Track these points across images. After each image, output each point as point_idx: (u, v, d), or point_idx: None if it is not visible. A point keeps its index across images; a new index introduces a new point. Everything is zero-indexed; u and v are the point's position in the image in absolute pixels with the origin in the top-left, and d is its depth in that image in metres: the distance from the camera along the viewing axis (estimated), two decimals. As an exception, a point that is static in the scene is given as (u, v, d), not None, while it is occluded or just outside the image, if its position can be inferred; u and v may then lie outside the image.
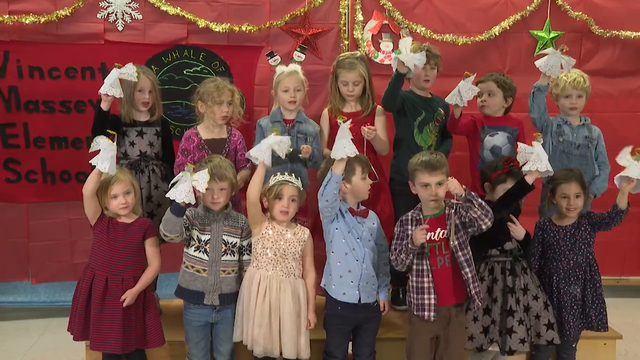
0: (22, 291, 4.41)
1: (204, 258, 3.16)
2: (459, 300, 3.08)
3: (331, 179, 2.98)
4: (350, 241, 3.14)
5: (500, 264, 3.30)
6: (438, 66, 3.83)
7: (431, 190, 3.04)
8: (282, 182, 3.17)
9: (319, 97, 4.22)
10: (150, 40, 4.14)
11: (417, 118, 3.80)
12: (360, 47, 4.29)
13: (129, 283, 3.10)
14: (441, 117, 3.86)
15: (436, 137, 3.86)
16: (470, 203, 2.97)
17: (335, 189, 3.00)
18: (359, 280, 3.13)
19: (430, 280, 3.05)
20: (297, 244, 3.19)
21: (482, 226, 3.00)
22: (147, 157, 3.62)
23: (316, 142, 3.69)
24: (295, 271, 3.18)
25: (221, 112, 3.57)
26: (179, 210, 2.97)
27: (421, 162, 3.09)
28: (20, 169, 4.17)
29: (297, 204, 3.19)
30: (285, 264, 3.15)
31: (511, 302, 3.23)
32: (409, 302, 3.15)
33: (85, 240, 3.96)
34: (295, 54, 3.76)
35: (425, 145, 3.80)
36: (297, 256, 3.19)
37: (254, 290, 3.12)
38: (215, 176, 3.12)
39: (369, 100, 3.81)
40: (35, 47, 4.04)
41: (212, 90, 3.54)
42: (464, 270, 3.03)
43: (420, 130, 3.81)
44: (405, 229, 3.12)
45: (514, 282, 3.26)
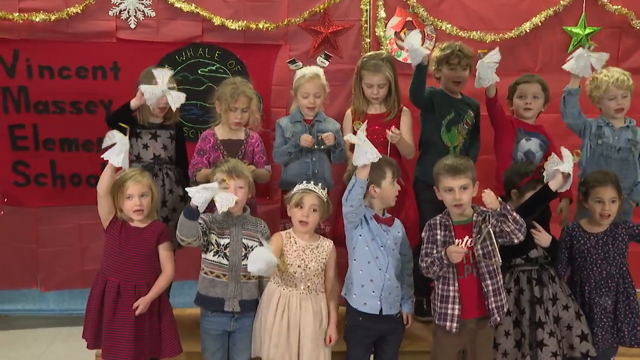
0: (30, 299, 4.48)
1: (223, 263, 3.20)
2: (482, 313, 3.09)
3: (355, 183, 3.02)
4: (374, 249, 3.17)
5: (526, 274, 3.31)
6: (470, 67, 3.85)
7: (454, 194, 3.07)
8: (304, 190, 3.22)
9: (339, 97, 4.26)
10: (164, 38, 4.21)
11: (445, 117, 3.85)
12: (382, 45, 4.32)
13: (142, 290, 3.16)
14: (471, 120, 3.90)
15: (464, 138, 3.89)
16: (504, 217, 2.99)
17: (360, 194, 3.04)
18: (381, 291, 3.16)
19: (455, 290, 3.07)
20: (319, 258, 3.22)
21: (514, 240, 3.02)
22: (161, 161, 3.70)
23: (338, 137, 3.76)
24: (318, 286, 3.22)
25: (234, 118, 3.66)
26: (192, 214, 3.02)
27: (444, 165, 3.12)
28: (29, 171, 4.25)
29: (318, 214, 3.21)
30: (306, 280, 3.19)
31: (540, 314, 3.24)
32: (433, 310, 3.18)
33: (96, 246, 4.01)
34: (318, 59, 3.81)
35: (451, 145, 3.84)
36: (320, 271, 3.22)
37: (272, 308, 3.16)
38: (233, 173, 3.19)
39: (395, 102, 3.86)
40: (45, 45, 4.13)
41: (227, 95, 3.63)
42: (484, 282, 3.05)
43: (447, 130, 3.86)
44: (433, 233, 3.15)
45: (541, 292, 3.27)
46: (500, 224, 3.01)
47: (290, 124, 3.79)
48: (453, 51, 3.80)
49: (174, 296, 3.86)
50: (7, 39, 4.09)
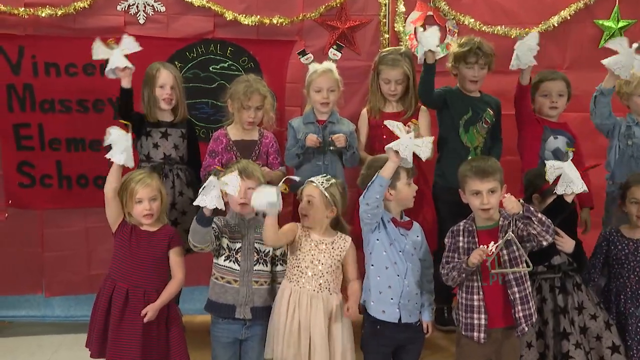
0: (35, 305, 4.52)
1: (235, 268, 3.24)
2: (509, 323, 3.09)
3: (375, 180, 3.03)
4: (392, 254, 3.19)
5: (549, 282, 3.32)
6: (490, 65, 3.86)
7: (482, 198, 3.07)
8: (307, 182, 3.27)
9: (356, 95, 4.29)
10: (174, 34, 4.25)
11: (462, 116, 3.87)
12: (401, 41, 4.33)
13: (152, 296, 3.20)
14: (490, 119, 3.91)
15: (484, 139, 3.90)
16: (528, 219, 2.99)
17: (379, 194, 3.05)
18: (399, 298, 3.17)
19: (480, 299, 3.08)
20: (334, 254, 3.24)
21: (542, 242, 3.02)
22: (172, 161, 3.75)
23: (352, 139, 3.79)
24: (330, 285, 3.22)
25: (247, 117, 3.70)
26: (205, 220, 3.04)
27: (471, 167, 3.13)
28: (34, 172, 4.30)
29: (316, 205, 3.19)
30: (317, 277, 3.20)
31: (564, 324, 3.23)
32: (457, 321, 3.19)
33: (103, 251, 4.09)
34: (330, 51, 3.85)
35: (472, 146, 3.86)
36: (334, 268, 3.23)
37: (283, 306, 3.19)
38: (243, 174, 3.21)
39: (412, 100, 3.88)
40: (51, 41, 4.18)
41: (240, 93, 3.67)
42: (510, 290, 3.05)
43: (465, 130, 3.88)
44: (456, 240, 3.17)
45: (565, 300, 3.26)
46: (526, 227, 3.01)
47: (302, 125, 3.83)
48: (471, 48, 3.82)
49: (183, 302, 3.89)
50: (12, 34, 4.13)
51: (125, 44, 3.53)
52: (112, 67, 3.51)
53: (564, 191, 3.09)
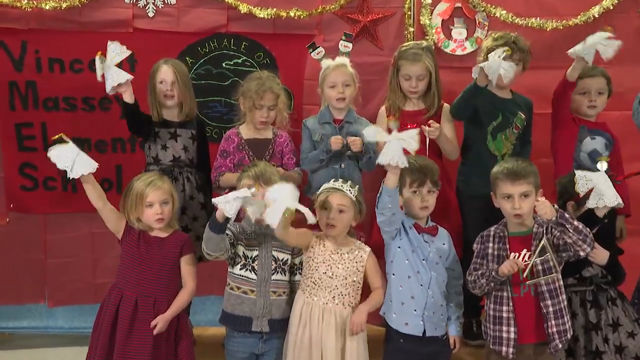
0: (37, 315, 4.56)
1: (251, 277, 3.25)
2: (541, 338, 3.08)
3: (382, 192, 3.05)
4: (415, 263, 3.20)
5: (579, 295, 3.29)
6: (524, 62, 3.85)
7: (514, 202, 3.08)
8: (329, 189, 3.26)
9: (378, 93, 4.29)
10: (185, 28, 4.28)
11: (491, 122, 3.86)
12: (427, 35, 4.33)
13: (162, 306, 3.22)
14: (521, 123, 3.89)
15: (512, 145, 3.88)
16: (563, 227, 2.99)
17: (389, 203, 3.06)
18: (423, 309, 3.18)
19: (510, 310, 3.08)
20: (350, 266, 3.24)
21: (579, 252, 3.02)
22: (181, 163, 3.79)
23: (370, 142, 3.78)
24: (345, 299, 3.22)
25: (260, 117, 3.74)
26: (218, 226, 3.05)
27: (504, 169, 3.14)
28: (37, 175, 4.34)
29: (347, 215, 3.23)
30: (331, 289, 3.20)
31: (597, 341, 3.21)
32: (485, 333, 3.19)
33: (110, 258, 4.13)
34: (340, 43, 3.86)
35: (499, 154, 3.85)
36: (350, 281, 3.22)
37: (295, 318, 3.21)
38: (261, 179, 3.23)
39: (434, 98, 3.89)
40: (55, 36, 4.23)
41: (252, 91, 3.70)
42: (543, 303, 3.05)
43: (493, 137, 3.86)
44: (485, 246, 3.17)
45: (598, 316, 3.24)
46: (561, 235, 3.01)
47: (318, 125, 3.85)
48: (506, 42, 3.79)
49: (194, 313, 3.92)
50: (15, 28, 4.18)
51: (111, 51, 3.53)
52: (113, 85, 3.51)
53: (596, 204, 3.09)
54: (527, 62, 3.86)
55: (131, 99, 3.59)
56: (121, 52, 3.53)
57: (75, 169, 3.13)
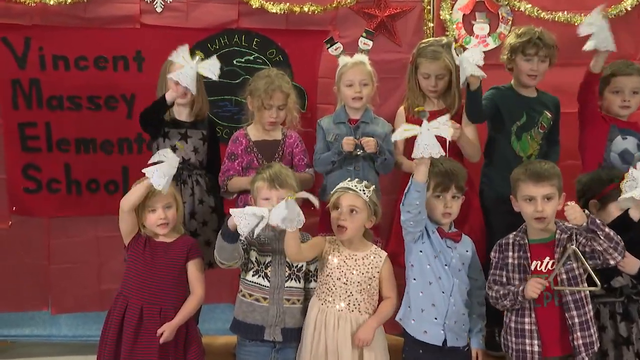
0: (40, 323, 4.57)
1: (264, 284, 3.25)
2: (566, 351, 3.05)
3: (411, 186, 3.03)
4: (437, 268, 3.18)
5: (608, 307, 3.25)
6: (551, 58, 3.81)
7: (536, 205, 3.05)
8: (341, 189, 3.26)
9: (396, 92, 4.28)
10: (194, 23, 4.28)
11: (515, 122, 3.83)
12: (448, 30, 4.32)
13: (168, 315, 3.22)
14: (547, 123, 3.86)
15: (539, 145, 3.86)
16: (593, 233, 2.96)
17: (418, 199, 3.05)
18: (444, 318, 3.16)
19: (532, 322, 3.06)
20: (365, 271, 3.23)
21: (609, 260, 2.99)
22: (191, 166, 3.78)
23: (387, 143, 3.78)
24: (361, 306, 3.21)
25: (269, 117, 3.73)
26: (231, 236, 3.04)
27: (526, 170, 3.12)
28: (40, 176, 4.34)
29: (361, 217, 3.23)
30: (346, 295, 3.20)
31: (628, 357, 3.18)
32: (505, 346, 3.17)
33: (115, 263, 4.11)
34: (360, 40, 3.85)
35: (524, 155, 3.83)
36: (365, 287, 3.22)
37: (310, 326, 3.20)
38: (275, 183, 3.23)
39: (455, 97, 3.88)
40: (60, 32, 4.23)
41: (261, 90, 3.70)
42: (569, 314, 3.02)
43: (518, 138, 3.84)
44: (504, 256, 3.15)
45: (629, 329, 3.20)
46: (590, 242, 2.98)
47: (332, 125, 3.84)
48: (531, 38, 3.77)
49: (203, 322, 3.91)
50: (18, 24, 4.19)
51: (208, 64, 3.52)
52: (176, 78, 3.48)
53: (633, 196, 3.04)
54: (554, 57, 3.82)
55: (172, 100, 3.59)
56: (213, 71, 3.51)
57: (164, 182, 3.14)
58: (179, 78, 3.45)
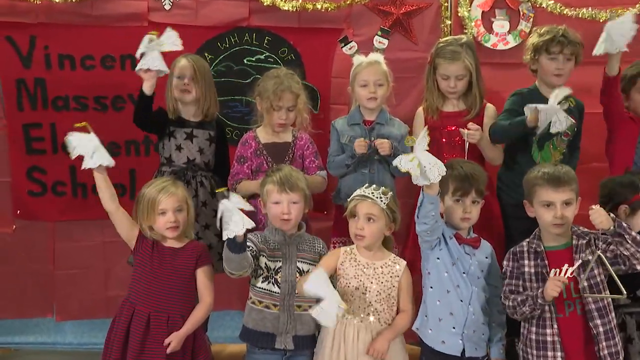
0: (44, 330, 4.57)
1: (274, 291, 3.24)
2: (592, 363, 3.03)
3: (424, 200, 3.02)
4: (454, 276, 3.17)
5: (634, 317, 3.24)
6: (577, 56, 3.77)
7: (555, 211, 3.04)
8: (358, 197, 3.25)
9: (412, 92, 4.27)
10: (204, 21, 4.29)
11: None
12: (466, 28, 4.30)
13: (176, 323, 3.22)
14: (572, 130, 3.80)
15: (561, 155, 3.83)
16: (620, 237, 2.94)
17: (433, 211, 3.03)
18: (463, 327, 3.15)
19: (555, 333, 3.04)
20: (384, 280, 3.22)
21: (636, 266, 2.98)
22: (195, 166, 3.79)
23: (403, 145, 3.74)
24: (381, 316, 3.21)
25: (278, 118, 3.73)
26: (237, 246, 3.01)
27: (543, 174, 3.10)
28: (45, 179, 4.36)
29: (378, 225, 3.22)
30: (365, 306, 3.19)
31: None
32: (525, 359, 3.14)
33: (122, 269, 4.08)
34: (375, 39, 3.86)
35: None
36: (384, 296, 3.21)
37: (328, 338, 3.19)
38: (286, 186, 3.23)
39: (476, 98, 3.85)
40: (66, 30, 4.24)
41: (270, 91, 3.70)
42: (592, 322, 3.00)
43: (540, 147, 3.81)
44: (520, 264, 3.13)
45: None
46: (614, 247, 2.96)
47: (347, 127, 3.84)
48: (554, 36, 3.73)
49: (212, 329, 3.92)
50: (23, 22, 4.20)
51: (165, 37, 3.54)
52: (143, 67, 3.51)
53: None
54: (580, 55, 3.78)
55: (150, 90, 3.59)
56: (174, 43, 3.54)
57: (95, 158, 3.15)
58: (146, 65, 3.49)
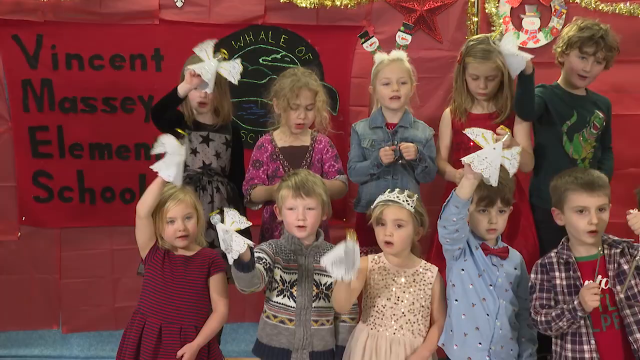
0: (50, 342, 4.57)
1: (289, 305, 3.23)
2: (635, 379, 3.00)
3: (450, 200, 2.99)
4: (481, 288, 3.15)
5: None
6: (608, 61, 3.74)
7: (590, 217, 3.00)
8: (384, 202, 3.24)
9: (436, 93, 4.27)
10: (218, 19, 4.29)
11: (565, 122, 3.78)
12: (494, 25, 4.30)
13: (189, 334, 3.20)
14: (600, 123, 3.80)
15: (593, 148, 3.81)
16: None
17: (456, 216, 3.00)
18: (490, 343, 3.13)
19: (592, 350, 2.99)
20: (417, 289, 3.22)
21: None
22: (211, 171, 3.78)
23: (428, 149, 3.75)
24: (414, 327, 3.20)
25: (296, 118, 3.72)
26: (244, 265, 2.95)
27: (575, 178, 3.08)
28: (52, 184, 4.37)
29: (407, 230, 3.21)
30: (398, 317, 3.18)
31: None
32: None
33: (132, 279, 4.10)
34: (398, 35, 3.85)
35: (578, 157, 3.78)
36: (418, 306, 3.21)
37: (358, 352, 3.18)
38: (301, 191, 3.22)
39: (507, 100, 3.82)
40: (74, 29, 4.25)
41: (286, 89, 3.69)
42: (632, 337, 2.96)
43: (570, 139, 3.79)
44: (550, 277, 3.09)
45: None
46: None
47: (368, 130, 3.83)
48: (593, 35, 3.68)
49: (225, 342, 3.92)
50: (29, 21, 4.21)
51: (229, 66, 3.50)
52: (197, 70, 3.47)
53: None
54: (611, 61, 3.75)
55: (185, 93, 3.58)
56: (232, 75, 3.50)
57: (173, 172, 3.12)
58: (201, 71, 3.45)
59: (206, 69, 3.45)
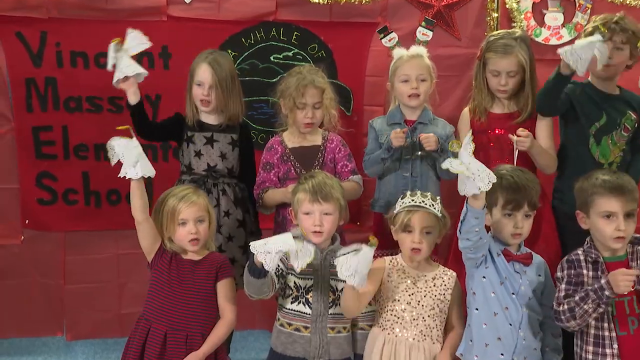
0: (54, 349, 4.56)
1: (305, 312, 3.21)
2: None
3: (467, 213, 2.97)
4: (503, 297, 3.12)
5: None
6: (631, 46, 3.70)
7: (618, 222, 2.97)
8: (410, 207, 3.21)
9: (455, 91, 4.28)
10: (227, 15, 4.29)
11: (594, 123, 3.74)
12: (515, 21, 4.30)
13: (195, 342, 3.19)
14: (631, 124, 3.76)
15: (621, 151, 3.77)
16: None
17: (477, 227, 2.98)
18: (512, 354, 3.10)
19: (615, 354, 2.96)
20: (436, 293, 3.21)
21: None
22: (217, 173, 3.77)
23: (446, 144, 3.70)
24: (434, 332, 3.20)
25: (304, 117, 3.70)
26: (258, 271, 2.99)
27: (603, 182, 3.03)
28: (56, 186, 4.37)
29: (434, 236, 3.21)
30: (417, 322, 3.17)
31: None
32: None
33: (138, 283, 4.15)
34: (419, 30, 3.84)
35: (605, 161, 3.74)
36: (437, 311, 3.21)
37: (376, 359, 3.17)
38: (318, 195, 3.19)
39: (529, 99, 3.80)
40: (79, 26, 4.25)
41: (292, 88, 3.68)
42: None
43: (597, 141, 3.75)
44: (578, 272, 3.05)
45: None
46: None
47: (386, 127, 3.81)
48: (606, 22, 3.65)
49: (235, 350, 3.91)
50: (33, 18, 4.20)
51: (130, 40, 3.54)
52: (120, 77, 3.53)
53: None
54: (636, 47, 3.71)
55: (135, 98, 3.61)
56: (141, 42, 3.55)
57: (137, 167, 3.15)
58: (121, 74, 3.52)
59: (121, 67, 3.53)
